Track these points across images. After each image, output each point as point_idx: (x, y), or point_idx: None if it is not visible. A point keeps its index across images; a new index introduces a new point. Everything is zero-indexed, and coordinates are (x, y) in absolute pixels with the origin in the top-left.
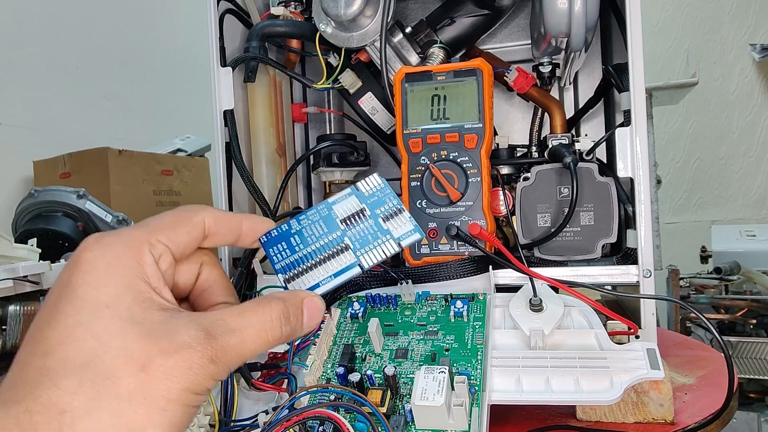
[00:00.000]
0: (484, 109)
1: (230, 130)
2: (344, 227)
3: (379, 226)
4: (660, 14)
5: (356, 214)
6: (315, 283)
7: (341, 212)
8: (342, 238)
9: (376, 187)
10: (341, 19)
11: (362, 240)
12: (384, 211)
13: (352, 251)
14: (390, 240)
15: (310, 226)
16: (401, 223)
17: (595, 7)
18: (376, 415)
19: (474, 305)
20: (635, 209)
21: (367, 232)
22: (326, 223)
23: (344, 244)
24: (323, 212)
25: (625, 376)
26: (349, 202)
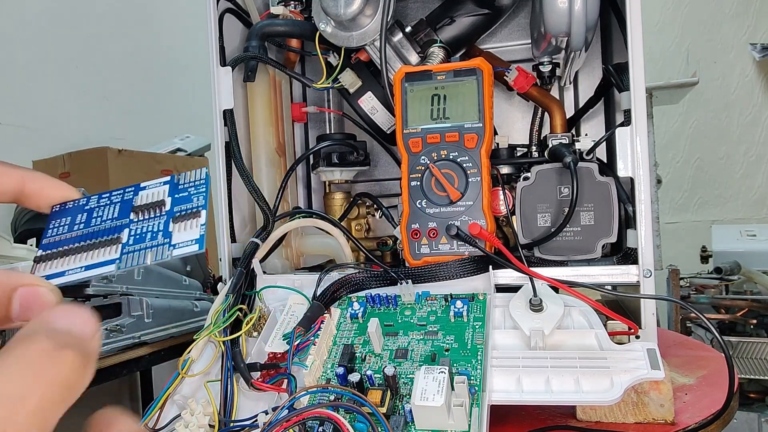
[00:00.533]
0: (484, 109)
1: (230, 129)
2: (133, 217)
3: (166, 226)
4: (660, 14)
5: (154, 205)
6: (60, 271)
7: (142, 199)
8: (122, 228)
9: (194, 180)
10: (341, 19)
11: (138, 237)
12: (181, 210)
13: (120, 246)
14: (165, 245)
15: (106, 207)
16: (189, 229)
17: (596, 6)
18: (376, 416)
19: (474, 305)
20: (635, 209)
21: (149, 230)
22: (121, 208)
23: (119, 236)
24: (128, 195)
25: (626, 377)
26: (158, 190)
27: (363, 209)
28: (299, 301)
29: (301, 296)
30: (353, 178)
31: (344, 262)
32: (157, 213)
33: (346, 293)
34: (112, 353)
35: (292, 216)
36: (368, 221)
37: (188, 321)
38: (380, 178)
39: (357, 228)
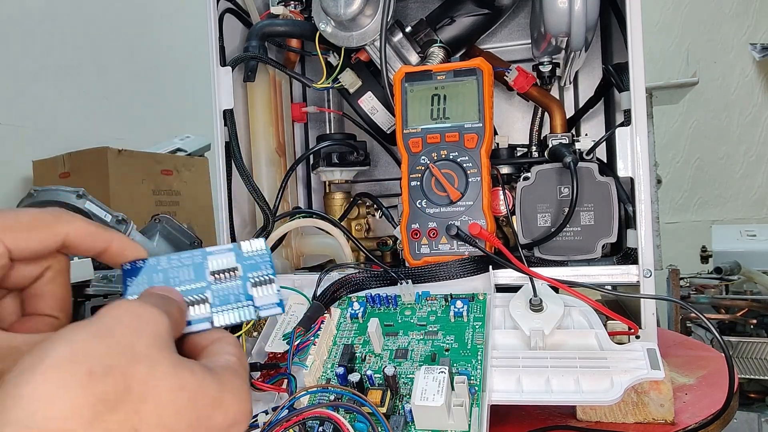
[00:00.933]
0: (484, 109)
1: (230, 129)
2: (212, 280)
3: (245, 289)
4: (660, 14)
5: (228, 270)
6: None
7: (214, 264)
8: (205, 290)
9: (257, 251)
10: (341, 19)
11: (223, 298)
12: (255, 277)
13: (209, 305)
14: (250, 306)
15: (179, 269)
16: (268, 294)
17: (596, 6)
18: (376, 416)
19: (474, 305)
20: (635, 209)
21: (231, 292)
22: (195, 271)
23: (204, 296)
24: (197, 259)
25: (626, 377)
26: (226, 258)
27: (363, 209)
28: (299, 301)
29: (301, 296)
30: (353, 178)
31: (344, 262)
32: (233, 277)
33: (346, 293)
34: None
35: (292, 216)
36: (368, 221)
37: None
38: (380, 178)
39: (357, 228)
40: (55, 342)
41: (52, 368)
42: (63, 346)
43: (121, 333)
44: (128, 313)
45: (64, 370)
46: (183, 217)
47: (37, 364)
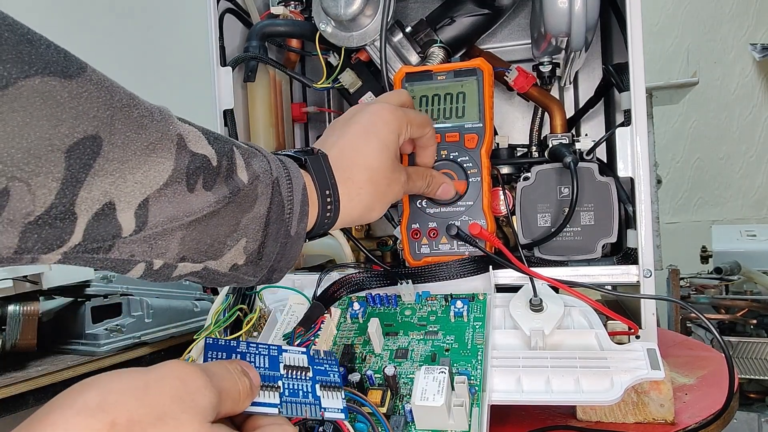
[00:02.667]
0: (485, 109)
1: (230, 129)
2: (284, 372)
3: (314, 390)
4: (660, 14)
5: (300, 369)
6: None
7: (288, 360)
8: (277, 379)
9: (328, 359)
10: (341, 19)
11: (293, 391)
12: (324, 381)
13: (279, 394)
14: (316, 407)
15: (257, 355)
16: (334, 399)
17: (596, 6)
18: (376, 416)
19: (474, 305)
20: (635, 209)
21: (300, 389)
22: (271, 361)
23: (276, 385)
24: (273, 351)
25: (626, 377)
26: (299, 358)
27: None
28: (299, 301)
29: (301, 296)
30: None
31: (344, 262)
32: (303, 376)
33: (346, 293)
34: (112, 353)
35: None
36: None
37: (188, 321)
38: None
39: (357, 228)
40: (89, 386)
41: (79, 413)
42: (95, 392)
43: (158, 391)
44: (173, 373)
45: (90, 416)
46: None
47: (66, 405)
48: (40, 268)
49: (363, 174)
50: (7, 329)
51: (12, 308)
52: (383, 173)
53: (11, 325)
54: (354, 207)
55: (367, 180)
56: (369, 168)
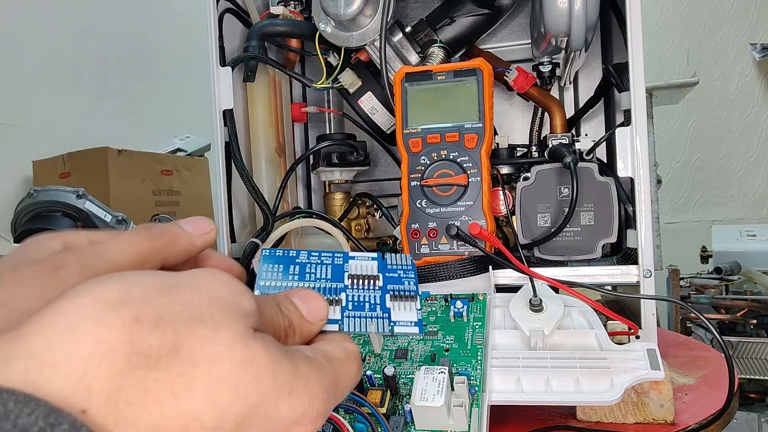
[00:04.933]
0: (484, 109)
1: (230, 129)
2: (349, 283)
3: (383, 301)
4: (660, 14)
5: (368, 278)
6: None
7: (354, 269)
8: (340, 291)
9: (403, 265)
10: (341, 19)
11: (358, 304)
12: (396, 290)
13: (340, 308)
14: (385, 320)
15: (318, 265)
16: (407, 310)
17: (595, 6)
18: (376, 416)
19: (474, 305)
20: (635, 209)
21: (367, 300)
22: (334, 271)
23: (338, 298)
24: (337, 260)
25: (626, 377)
26: (368, 264)
27: (363, 209)
28: None
29: None
30: (353, 178)
31: None
32: (372, 285)
33: None
34: None
35: (292, 216)
36: (368, 221)
37: None
38: (380, 178)
39: (357, 228)
40: (112, 279)
41: (95, 303)
42: (118, 285)
43: (193, 292)
44: (211, 275)
45: (109, 308)
46: (183, 217)
47: (78, 294)
48: None
49: None
50: None
51: None
52: None
53: None
54: None
55: None
56: None
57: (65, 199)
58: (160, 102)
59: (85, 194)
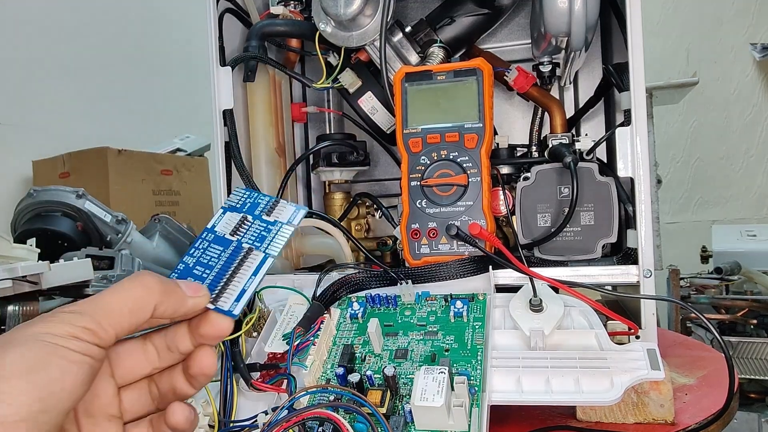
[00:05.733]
0: (484, 109)
1: (230, 129)
2: (237, 237)
3: (266, 221)
4: (660, 13)
5: (240, 223)
6: (241, 290)
7: (226, 229)
8: (240, 245)
9: (242, 195)
10: (341, 19)
11: (260, 238)
12: (262, 209)
13: (256, 249)
14: (281, 225)
15: (204, 252)
16: (283, 210)
17: (596, 6)
18: (376, 416)
19: (474, 305)
20: (635, 209)
21: (260, 230)
22: (218, 243)
23: (246, 247)
24: (209, 237)
25: (626, 377)
26: (228, 219)
27: (363, 209)
28: (299, 301)
29: (300, 296)
30: (353, 178)
31: (344, 262)
32: (249, 223)
33: (346, 293)
34: None
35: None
36: (368, 221)
37: None
38: (380, 178)
39: (357, 228)
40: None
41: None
42: None
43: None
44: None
45: None
46: (183, 217)
47: None
48: (40, 268)
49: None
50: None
51: (11, 308)
52: None
53: (10, 325)
54: None
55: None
56: None
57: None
58: (160, 102)
59: (85, 194)
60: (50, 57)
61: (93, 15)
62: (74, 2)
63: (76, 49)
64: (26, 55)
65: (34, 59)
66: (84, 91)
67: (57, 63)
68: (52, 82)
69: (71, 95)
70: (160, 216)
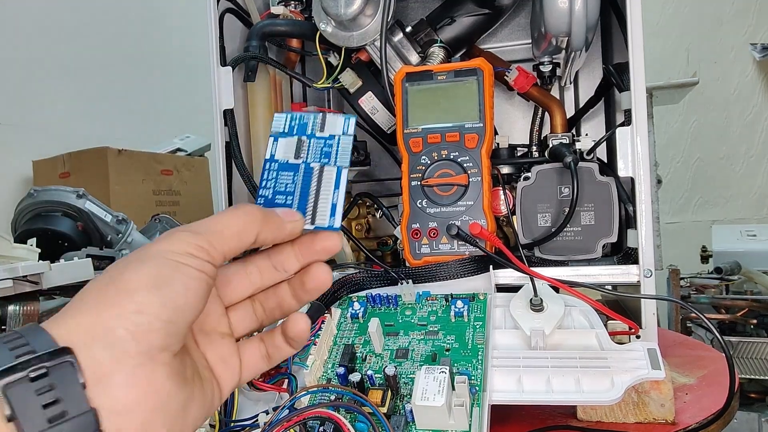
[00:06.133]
0: (485, 109)
1: (230, 129)
2: (302, 160)
3: (323, 138)
4: (660, 14)
5: (299, 146)
6: (332, 204)
7: (287, 155)
8: (309, 166)
9: (285, 119)
10: (341, 19)
11: (325, 154)
12: (313, 127)
13: (328, 165)
14: (339, 137)
15: (277, 181)
16: (335, 122)
17: (596, 6)
18: (377, 416)
19: (474, 305)
20: (636, 209)
21: (321, 147)
22: (286, 170)
23: (316, 167)
24: (273, 167)
25: (626, 376)
26: (283, 145)
27: (363, 209)
28: None
29: None
30: (353, 178)
31: (345, 262)
32: (307, 143)
33: (347, 293)
34: None
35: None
36: (368, 221)
37: None
38: (380, 178)
39: (357, 228)
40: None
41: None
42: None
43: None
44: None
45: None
46: (183, 217)
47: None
48: (40, 268)
49: None
50: (7, 329)
51: (12, 308)
52: None
53: (11, 325)
54: None
55: None
56: None
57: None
58: (160, 102)
59: (85, 194)
60: (50, 57)
61: (93, 15)
62: (74, 2)
63: (76, 49)
64: (26, 55)
65: (34, 59)
66: (84, 91)
67: (57, 63)
68: (52, 82)
69: (71, 95)
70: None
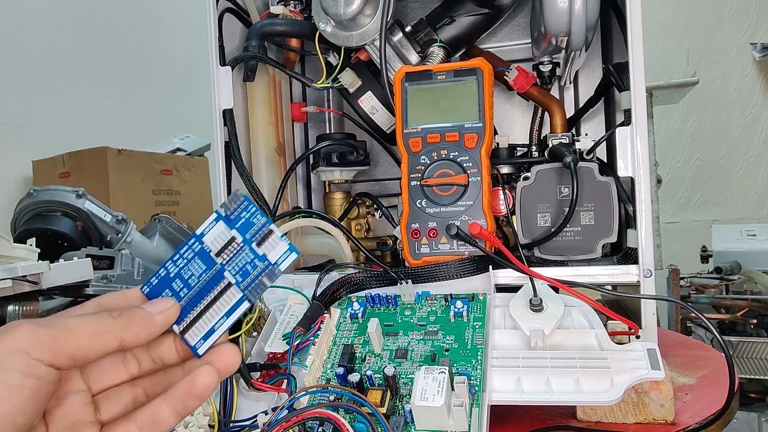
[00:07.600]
0: (485, 109)
1: (229, 129)
2: (221, 260)
3: (255, 253)
4: (660, 13)
5: (228, 243)
6: (210, 328)
7: (213, 245)
8: (222, 273)
9: (239, 205)
10: (341, 18)
11: (243, 272)
12: (254, 233)
13: (236, 287)
14: (269, 267)
15: (188, 265)
16: (275, 246)
17: (596, 6)
18: (376, 416)
19: (474, 305)
20: (635, 209)
21: (245, 262)
22: (202, 259)
23: (227, 279)
24: (196, 247)
25: (626, 377)
26: (218, 230)
27: (363, 209)
28: (299, 301)
29: (301, 296)
30: (353, 177)
31: (344, 262)
32: (237, 247)
33: (346, 293)
34: None
35: (292, 216)
36: (368, 221)
37: None
38: (380, 177)
39: (357, 228)
40: None
41: None
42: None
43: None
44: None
45: None
46: (183, 216)
47: None
48: (40, 268)
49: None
50: None
51: (11, 308)
52: None
53: None
54: None
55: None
56: None
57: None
58: (160, 102)
59: (84, 194)
60: (50, 57)
61: (93, 15)
62: (74, 2)
63: (76, 49)
64: (26, 55)
65: (34, 59)
66: (84, 91)
67: (57, 63)
68: (52, 82)
69: (71, 95)
70: (160, 216)
